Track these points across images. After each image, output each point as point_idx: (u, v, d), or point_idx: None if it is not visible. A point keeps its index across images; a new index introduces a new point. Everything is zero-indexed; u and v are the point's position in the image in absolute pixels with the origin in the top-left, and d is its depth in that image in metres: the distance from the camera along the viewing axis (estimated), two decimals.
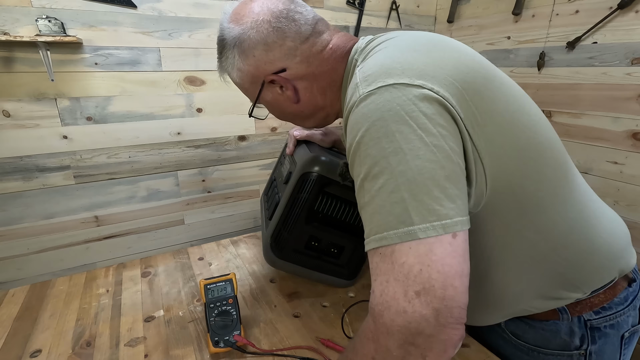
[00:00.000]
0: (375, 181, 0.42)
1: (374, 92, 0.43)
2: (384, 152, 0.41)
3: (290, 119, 0.69)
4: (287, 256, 0.78)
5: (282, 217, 0.76)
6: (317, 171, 0.72)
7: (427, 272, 0.38)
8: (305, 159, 0.74)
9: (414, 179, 0.40)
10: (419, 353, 0.39)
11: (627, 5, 1.23)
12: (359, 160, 0.44)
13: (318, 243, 0.78)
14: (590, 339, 0.57)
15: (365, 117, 0.43)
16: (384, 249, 0.41)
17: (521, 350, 0.62)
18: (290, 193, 0.74)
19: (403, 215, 0.40)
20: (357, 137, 0.44)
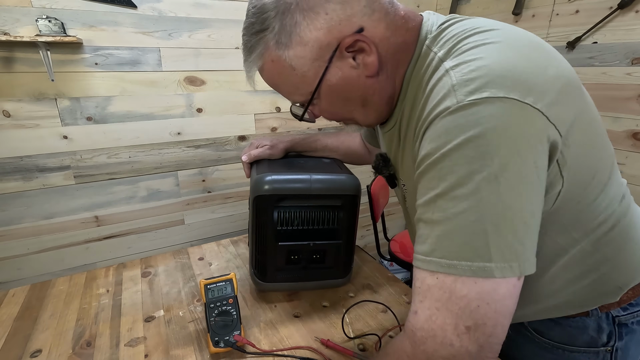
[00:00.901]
0: (456, 203, 0.38)
1: (478, 102, 0.37)
2: (476, 175, 0.37)
3: (351, 110, 0.54)
4: (272, 278, 0.79)
5: (253, 244, 0.77)
6: (267, 190, 0.72)
7: (484, 310, 0.37)
8: (253, 183, 0.74)
9: (503, 214, 0.37)
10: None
11: (627, 5, 1.23)
12: (439, 174, 0.39)
13: (298, 255, 0.77)
14: (617, 335, 0.56)
15: (461, 129, 0.37)
16: (446, 276, 0.38)
17: (544, 348, 0.59)
18: (252, 219, 0.75)
19: (482, 249, 0.37)
20: (445, 149, 0.38)
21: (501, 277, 0.37)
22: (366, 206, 1.63)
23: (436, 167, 0.39)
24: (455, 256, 0.38)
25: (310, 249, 0.77)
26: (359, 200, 0.77)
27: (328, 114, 0.56)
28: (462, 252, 0.38)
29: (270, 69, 0.51)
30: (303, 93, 0.52)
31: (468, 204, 0.37)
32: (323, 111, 0.55)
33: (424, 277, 0.40)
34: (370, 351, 0.67)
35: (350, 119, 0.57)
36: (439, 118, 0.40)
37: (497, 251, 0.37)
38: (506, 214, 0.37)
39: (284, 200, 0.74)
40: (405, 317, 0.75)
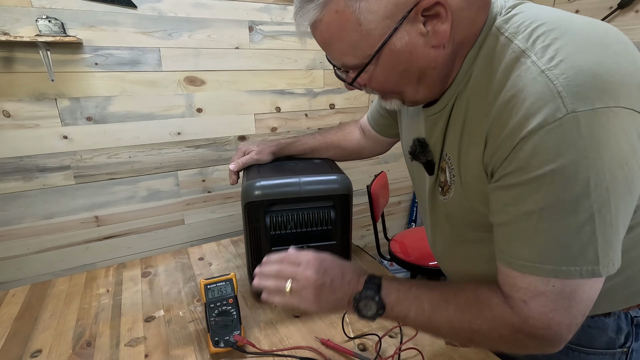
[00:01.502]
0: (567, 216, 0.39)
1: (589, 114, 0.36)
2: (588, 189, 0.37)
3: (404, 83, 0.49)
4: None
5: (249, 250, 0.78)
6: (257, 196, 0.72)
7: (588, 307, 0.43)
8: (243, 190, 0.75)
9: (611, 223, 0.39)
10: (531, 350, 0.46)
11: (627, 5, 1.24)
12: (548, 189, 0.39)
13: None
14: (634, 336, 0.57)
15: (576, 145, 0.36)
16: (562, 283, 0.41)
17: (561, 352, 0.56)
18: (246, 226, 0.76)
19: (591, 254, 0.40)
20: (554, 163, 0.37)
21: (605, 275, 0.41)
22: (366, 206, 1.63)
23: (544, 182, 0.39)
24: (566, 262, 0.40)
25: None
26: (351, 200, 0.77)
27: (377, 84, 0.50)
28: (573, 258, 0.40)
29: (331, 21, 0.44)
30: (360, 55, 0.46)
31: (583, 218, 0.39)
32: (373, 80, 0.49)
33: (537, 286, 0.42)
34: (370, 351, 0.67)
35: (397, 94, 0.52)
36: (546, 129, 0.37)
37: (603, 255, 0.40)
38: (613, 223, 0.39)
39: (275, 205, 0.74)
40: None
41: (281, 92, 1.56)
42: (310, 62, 1.58)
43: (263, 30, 1.45)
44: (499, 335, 0.46)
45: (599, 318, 0.57)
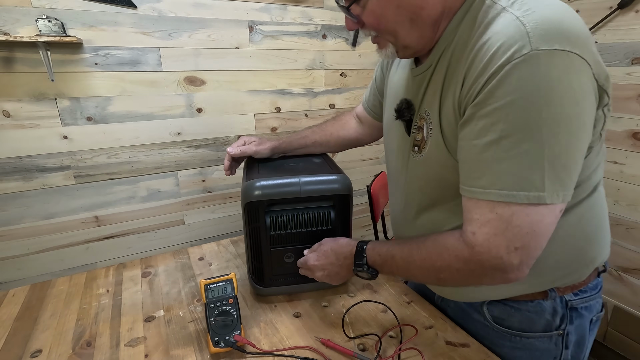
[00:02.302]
0: (520, 144, 0.44)
1: (551, 54, 0.42)
2: (540, 121, 0.43)
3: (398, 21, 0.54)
4: (270, 282, 0.79)
5: (249, 250, 0.78)
6: (257, 196, 0.72)
7: (531, 236, 0.47)
8: (243, 190, 0.74)
9: (559, 154, 0.44)
10: (488, 279, 0.52)
11: (627, 5, 1.23)
12: (506, 118, 0.44)
13: (294, 259, 0.78)
14: (569, 318, 0.62)
15: (532, 80, 0.42)
16: (503, 209, 0.46)
17: (503, 337, 0.65)
18: (245, 226, 0.76)
19: (538, 182, 0.45)
20: (517, 94, 0.43)
21: (550, 203, 0.45)
22: (366, 206, 1.63)
23: (504, 111, 0.44)
24: (516, 188, 0.45)
25: (302, 252, 0.77)
26: (351, 200, 0.77)
27: (373, 18, 0.55)
28: (522, 184, 0.45)
29: None
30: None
31: (531, 146, 0.44)
32: (369, 12, 0.54)
33: (482, 210, 0.49)
34: (370, 351, 0.67)
35: (392, 35, 0.56)
36: (512, 64, 0.43)
37: (550, 183, 0.45)
38: (562, 155, 0.44)
39: (275, 205, 0.74)
40: (406, 318, 0.75)
41: (281, 92, 1.56)
42: (310, 62, 1.58)
43: (263, 30, 1.45)
44: (456, 270, 0.53)
45: (537, 302, 0.62)
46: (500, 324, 0.65)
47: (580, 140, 0.46)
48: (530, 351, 0.64)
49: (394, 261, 0.61)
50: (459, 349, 0.67)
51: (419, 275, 0.60)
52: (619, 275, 1.40)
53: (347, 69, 1.68)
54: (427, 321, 0.75)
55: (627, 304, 1.40)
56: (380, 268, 0.64)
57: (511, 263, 0.48)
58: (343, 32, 1.62)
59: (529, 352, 0.64)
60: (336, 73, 1.66)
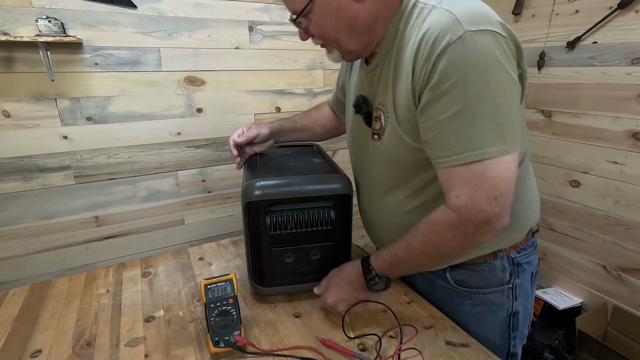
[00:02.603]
0: (480, 109, 0.53)
1: (479, 33, 0.52)
2: (490, 86, 0.52)
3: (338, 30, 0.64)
4: (270, 282, 0.79)
5: (249, 250, 0.78)
6: (257, 196, 0.72)
7: (504, 183, 0.55)
8: (243, 190, 0.75)
9: (509, 112, 0.54)
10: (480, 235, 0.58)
11: (627, 5, 1.23)
12: (462, 90, 0.53)
13: (294, 259, 0.78)
14: (515, 273, 0.73)
15: (472, 53, 0.51)
16: (477, 166, 0.54)
17: (464, 297, 0.75)
18: (246, 226, 0.76)
19: (500, 136, 0.54)
20: (463, 70, 0.52)
21: (513, 152, 0.54)
22: None
23: (457, 86, 0.53)
24: (486, 144, 0.53)
25: (305, 251, 0.77)
26: (351, 199, 0.77)
27: (317, 29, 0.65)
28: (488, 141, 0.53)
29: None
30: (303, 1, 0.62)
31: (488, 108, 0.53)
32: (313, 24, 0.64)
33: (460, 174, 0.56)
34: (370, 351, 0.67)
35: (335, 42, 0.66)
36: (452, 46, 0.52)
37: (509, 135, 0.54)
38: (511, 112, 0.54)
39: (275, 205, 0.74)
40: (406, 318, 0.75)
41: (281, 92, 1.56)
42: (310, 62, 1.58)
43: (263, 30, 1.45)
44: (452, 237, 0.59)
45: (489, 262, 0.72)
46: (461, 285, 0.75)
47: (517, 98, 0.57)
48: (488, 306, 0.74)
49: (398, 258, 0.66)
50: (459, 349, 0.67)
51: (424, 260, 0.64)
52: (619, 275, 1.40)
53: None
54: (427, 321, 0.75)
55: (627, 304, 1.40)
56: (390, 272, 0.69)
57: (494, 212, 0.55)
58: None
59: (487, 306, 0.74)
60: (336, 73, 1.65)
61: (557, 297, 1.55)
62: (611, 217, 1.39)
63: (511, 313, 0.75)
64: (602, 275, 1.46)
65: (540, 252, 1.66)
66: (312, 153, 0.96)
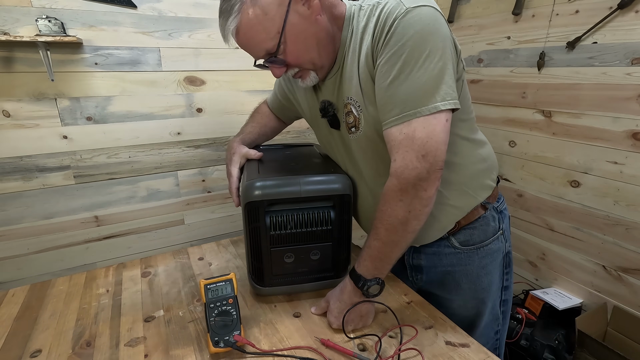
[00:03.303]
0: (411, 73, 0.59)
1: (419, 8, 0.59)
2: (426, 50, 0.59)
3: (310, 50, 0.69)
4: (270, 282, 0.79)
5: (249, 250, 0.77)
6: (257, 196, 0.72)
7: (431, 142, 0.60)
8: (243, 190, 0.74)
9: (441, 71, 0.60)
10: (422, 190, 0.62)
11: (627, 5, 1.23)
12: (401, 56, 0.59)
13: (294, 259, 0.78)
14: (501, 219, 0.82)
15: (412, 26, 0.59)
16: (407, 128, 0.60)
17: (472, 254, 0.81)
18: (245, 226, 0.75)
19: (432, 96, 0.59)
20: (405, 38, 0.59)
21: (443, 110, 0.60)
22: None
23: (397, 53, 0.60)
24: (418, 104, 0.60)
25: (305, 251, 0.77)
26: (351, 199, 0.77)
27: (293, 58, 0.69)
28: (421, 100, 0.60)
29: (247, 20, 0.64)
30: (273, 36, 0.66)
31: (420, 72, 0.59)
32: (288, 54, 0.68)
33: (395, 136, 0.62)
34: (370, 351, 0.67)
35: (310, 63, 0.71)
36: (399, 19, 0.59)
37: (441, 94, 0.60)
38: (443, 71, 0.60)
39: (275, 205, 0.74)
40: (406, 318, 0.75)
41: None
42: None
43: None
44: (400, 201, 0.63)
45: (483, 216, 0.79)
46: (466, 244, 0.80)
47: (452, 64, 0.62)
48: (491, 254, 0.82)
49: (373, 249, 0.68)
50: (458, 349, 0.67)
51: (393, 236, 0.66)
52: (618, 275, 1.40)
53: None
54: (427, 321, 0.75)
55: (627, 304, 1.40)
56: (376, 269, 0.69)
57: (424, 168, 0.60)
58: None
59: (491, 256, 0.82)
60: None
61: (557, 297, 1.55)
62: (611, 218, 1.39)
63: (505, 254, 0.84)
64: (602, 275, 1.46)
65: (541, 252, 1.66)
66: (312, 153, 0.96)
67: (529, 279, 1.73)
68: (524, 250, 1.72)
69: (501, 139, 1.72)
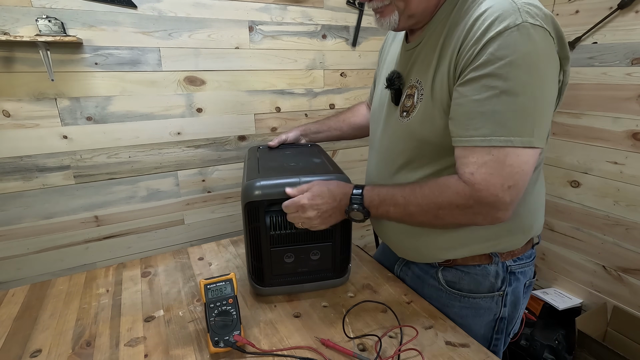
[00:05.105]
0: (516, 97, 0.55)
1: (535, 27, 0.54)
2: (531, 79, 0.54)
3: None
4: (270, 282, 0.79)
5: (249, 250, 0.78)
6: (257, 196, 0.72)
7: (520, 175, 0.57)
8: (243, 190, 0.74)
9: (543, 106, 0.56)
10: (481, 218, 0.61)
11: (627, 6, 1.23)
12: (506, 75, 0.54)
13: (293, 259, 0.78)
14: (508, 281, 0.74)
15: (525, 44, 0.53)
16: (499, 151, 0.56)
17: (453, 298, 0.76)
18: (245, 226, 0.75)
19: (529, 129, 0.56)
20: (513, 56, 0.53)
21: (537, 147, 0.56)
22: None
23: (503, 70, 0.54)
24: (512, 133, 0.55)
25: (305, 251, 0.77)
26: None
27: None
28: (516, 131, 0.55)
29: None
30: None
31: (525, 99, 0.54)
32: None
33: (480, 155, 0.57)
34: (370, 351, 0.67)
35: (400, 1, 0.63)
36: (509, 31, 0.53)
37: (537, 130, 0.56)
38: (544, 107, 0.56)
39: (275, 205, 0.74)
40: (406, 318, 0.75)
41: (281, 92, 1.55)
42: (310, 62, 1.58)
43: (263, 30, 1.45)
44: (456, 205, 0.60)
45: (484, 266, 0.73)
46: (452, 287, 0.76)
47: (554, 97, 0.59)
48: (476, 309, 0.76)
49: (394, 199, 0.66)
50: (458, 349, 0.67)
51: (417, 212, 0.64)
52: (619, 275, 1.40)
53: (347, 69, 1.68)
54: (427, 321, 0.75)
55: (627, 304, 1.40)
56: (375, 208, 0.68)
57: (505, 201, 0.57)
58: (343, 32, 1.61)
59: (475, 310, 0.76)
60: (336, 73, 1.66)
61: (557, 297, 1.55)
62: (611, 218, 1.39)
63: (498, 318, 0.76)
64: (602, 275, 1.46)
65: (540, 252, 1.66)
66: (312, 153, 0.96)
67: None
68: None
69: None
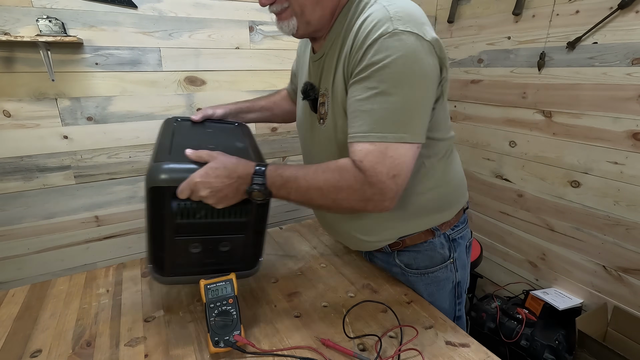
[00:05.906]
0: (390, 97, 0.60)
1: (406, 33, 0.59)
2: (404, 80, 0.60)
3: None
4: (172, 272, 0.72)
5: (149, 237, 0.70)
6: (163, 181, 0.63)
7: (401, 166, 0.62)
8: (147, 171, 0.65)
9: (416, 105, 0.62)
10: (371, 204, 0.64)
11: (627, 6, 1.23)
12: (380, 78, 0.60)
13: (201, 249, 0.71)
14: (453, 248, 0.82)
15: (396, 49, 0.59)
16: (380, 144, 0.61)
17: (418, 278, 0.84)
18: (148, 211, 0.67)
19: (403, 126, 0.61)
20: (386, 60, 0.59)
21: (411, 142, 0.62)
22: None
23: (378, 73, 0.60)
24: (388, 130, 0.61)
25: (214, 242, 0.71)
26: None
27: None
28: (390, 127, 0.61)
29: None
30: None
31: (398, 99, 0.60)
32: None
33: (364, 146, 0.62)
34: (370, 351, 0.67)
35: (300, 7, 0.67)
36: (382, 37, 0.59)
37: (411, 127, 0.62)
38: (417, 106, 0.62)
39: None
40: (406, 318, 0.75)
41: None
42: None
43: (263, 30, 1.45)
44: (354, 190, 0.63)
45: (429, 241, 0.81)
46: (411, 267, 0.83)
47: (430, 97, 0.64)
48: (438, 283, 0.83)
49: (296, 182, 0.66)
50: (458, 349, 0.68)
51: (317, 196, 0.65)
52: (619, 275, 1.40)
53: None
54: (427, 321, 0.75)
55: (627, 304, 1.40)
56: (277, 190, 0.66)
57: (390, 188, 0.62)
58: None
59: (437, 284, 0.84)
60: None
61: (557, 297, 1.55)
62: (611, 218, 1.39)
63: (455, 284, 0.85)
64: (602, 275, 1.46)
65: (541, 252, 1.66)
66: (236, 135, 0.85)
67: (529, 279, 1.73)
68: (524, 251, 1.72)
69: (501, 139, 1.72)
